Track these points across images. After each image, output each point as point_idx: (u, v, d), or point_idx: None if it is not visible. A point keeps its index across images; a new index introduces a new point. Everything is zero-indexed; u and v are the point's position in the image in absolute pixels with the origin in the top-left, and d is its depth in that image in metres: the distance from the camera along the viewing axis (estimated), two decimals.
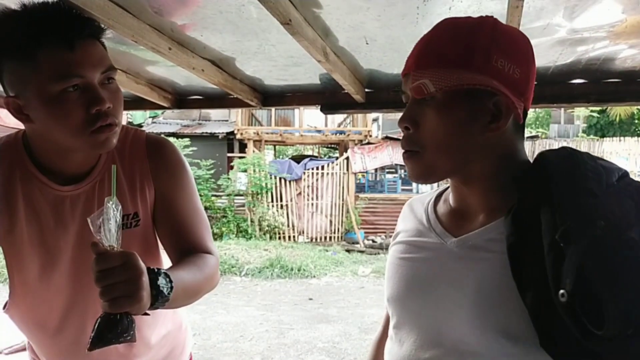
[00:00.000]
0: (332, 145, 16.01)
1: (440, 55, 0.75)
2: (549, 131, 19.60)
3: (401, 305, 0.86)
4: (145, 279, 0.79)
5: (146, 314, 0.82)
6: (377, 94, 1.91)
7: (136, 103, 2.10)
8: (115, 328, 0.77)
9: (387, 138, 13.14)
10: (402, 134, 0.82)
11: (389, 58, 1.58)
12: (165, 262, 1.17)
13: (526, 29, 1.22)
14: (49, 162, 1.02)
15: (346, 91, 1.80)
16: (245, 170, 12.12)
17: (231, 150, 14.49)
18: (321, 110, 2.00)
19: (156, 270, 0.83)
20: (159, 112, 14.01)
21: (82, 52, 0.90)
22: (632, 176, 0.74)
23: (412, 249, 0.88)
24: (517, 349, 0.69)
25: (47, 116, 0.91)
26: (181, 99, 2.10)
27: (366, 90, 1.89)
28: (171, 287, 0.84)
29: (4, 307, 1.12)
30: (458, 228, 0.83)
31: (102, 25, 1.00)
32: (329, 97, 1.95)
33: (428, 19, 1.24)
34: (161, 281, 0.82)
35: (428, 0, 1.14)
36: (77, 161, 1.03)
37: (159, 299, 0.82)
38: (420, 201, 0.97)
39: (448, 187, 0.92)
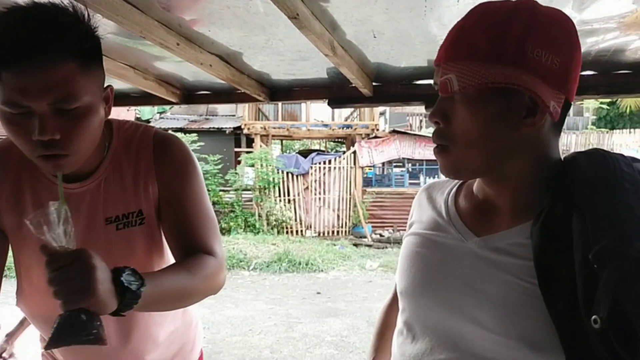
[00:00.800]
0: (339, 140, 15.98)
1: (470, 45, 0.69)
2: None
3: (415, 301, 0.83)
4: (102, 274, 0.75)
5: (121, 315, 0.79)
6: (385, 87, 1.90)
7: (144, 99, 2.11)
8: (73, 327, 0.74)
9: (394, 132, 13.09)
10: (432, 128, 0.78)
11: (397, 51, 1.57)
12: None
13: None
14: None
15: (354, 85, 1.80)
16: (252, 165, 12.14)
17: (238, 145, 14.51)
18: (329, 104, 2.00)
19: (121, 267, 0.80)
20: (167, 107, 14.05)
21: (17, 82, 0.79)
22: None
23: (430, 243, 0.84)
24: (540, 358, 0.67)
25: (4, 129, 0.88)
26: (189, 94, 2.11)
27: (374, 83, 1.89)
28: (141, 284, 0.80)
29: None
30: (480, 226, 0.79)
31: (81, 40, 0.85)
32: (336, 91, 1.95)
33: (436, 12, 1.24)
34: (126, 278, 0.78)
35: None
36: None
37: (127, 296, 0.78)
38: (439, 189, 0.92)
39: (459, 186, 0.89)
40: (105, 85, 0.95)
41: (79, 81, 0.84)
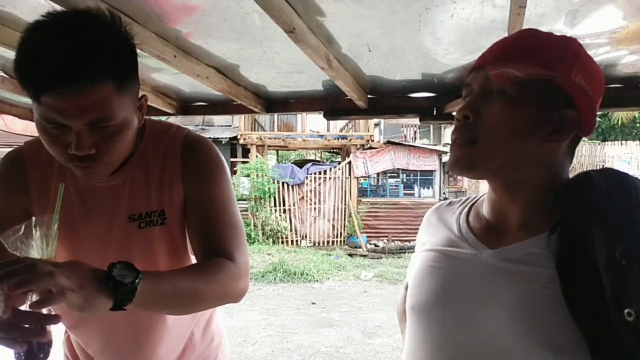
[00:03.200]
0: (335, 150, 16.01)
1: (525, 54, 0.75)
2: None
3: (427, 314, 0.83)
4: (72, 269, 0.72)
5: (123, 308, 0.77)
6: (380, 100, 1.92)
7: None
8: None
9: (389, 143, 13.14)
10: (455, 124, 0.81)
11: (391, 65, 1.59)
12: None
13: None
14: None
15: (349, 97, 1.81)
16: (248, 175, 12.14)
17: (234, 155, 14.51)
18: (324, 116, 2.01)
19: (114, 262, 0.77)
20: (163, 118, 14.02)
21: (55, 102, 0.80)
22: None
23: (443, 258, 0.85)
24: None
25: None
26: (186, 105, 2.12)
27: (369, 96, 1.91)
28: (136, 277, 0.77)
29: None
30: (493, 241, 0.81)
31: (118, 62, 0.84)
32: (332, 103, 1.96)
33: (430, 27, 1.26)
34: (119, 272, 0.76)
35: (430, 9, 1.15)
36: None
37: (120, 290, 0.75)
38: (449, 210, 0.95)
39: (479, 199, 0.91)
40: (140, 94, 0.97)
41: (115, 102, 0.85)
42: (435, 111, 1.90)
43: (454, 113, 1.88)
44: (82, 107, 0.81)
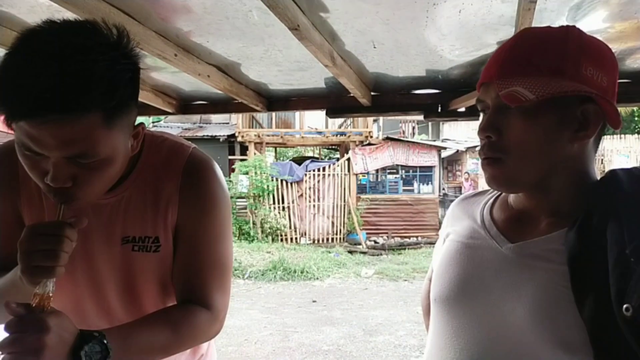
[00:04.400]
0: (333, 147, 15.99)
1: (528, 63, 0.74)
2: None
3: (448, 306, 0.84)
4: (50, 353, 0.70)
5: None
6: (384, 97, 1.90)
7: (140, 109, 2.08)
8: None
9: (387, 139, 13.11)
10: (481, 143, 0.80)
11: (395, 61, 1.56)
12: None
13: None
14: None
15: (352, 95, 1.79)
16: (246, 173, 12.11)
17: (232, 152, 14.47)
18: (327, 114, 1.99)
19: (87, 335, 0.75)
20: (162, 117, 13.98)
21: (39, 131, 0.70)
22: None
23: (465, 249, 0.86)
24: None
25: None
26: (185, 104, 2.09)
27: (372, 93, 1.88)
28: (105, 356, 0.75)
29: None
30: (515, 234, 0.81)
31: (113, 90, 0.73)
32: (334, 101, 1.94)
33: (437, 22, 1.23)
34: (88, 349, 0.74)
35: (437, 4, 1.13)
36: None
37: None
38: (473, 201, 0.95)
39: (497, 197, 0.91)
40: (137, 122, 0.88)
41: (100, 136, 0.75)
42: (440, 108, 1.87)
43: (460, 110, 1.86)
44: (60, 140, 0.71)
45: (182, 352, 1.05)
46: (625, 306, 0.61)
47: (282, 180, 12.11)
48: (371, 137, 12.87)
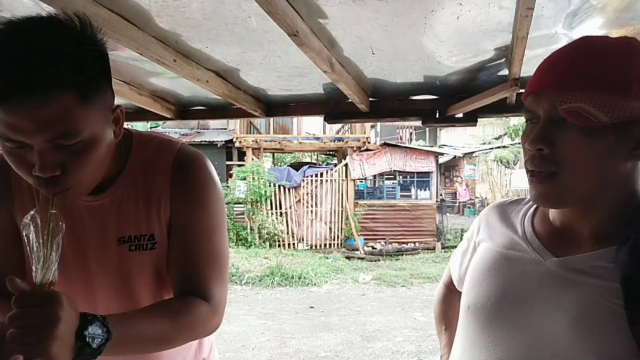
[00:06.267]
0: (331, 152, 16.00)
1: (589, 77, 0.70)
2: None
3: (484, 315, 0.82)
4: (64, 327, 0.69)
5: None
6: (382, 103, 1.91)
7: (139, 114, 2.09)
8: None
9: (385, 144, 13.13)
10: (529, 155, 0.77)
11: (394, 67, 1.57)
12: None
13: (530, 38, 1.21)
14: None
15: (350, 100, 1.79)
16: (244, 178, 12.09)
17: (230, 158, 14.46)
18: (325, 119, 1.99)
19: (90, 317, 0.74)
20: (160, 122, 13.97)
21: (12, 117, 0.71)
22: None
23: (504, 260, 0.84)
24: None
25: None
26: (184, 109, 2.09)
27: (370, 99, 1.89)
28: (106, 339, 0.74)
29: None
30: (559, 249, 0.79)
31: (82, 69, 0.75)
32: (332, 107, 1.94)
33: (435, 29, 1.24)
34: (92, 331, 0.73)
35: (435, 11, 1.13)
36: None
37: (85, 351, 0.72)
38: (512, 209, 0.92)
39: (535, 207, 0.89)
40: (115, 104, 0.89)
41: (78, 115, 0.76)
42: (437, 114, 1.88)
43: (458, 115, 1.87)
44: (38, 123, 0.72)
45: (183, 351, 1.05)
46: None
47: (279, 186, 12.10)
48: (369, 142, 12.89)
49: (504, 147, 16.46)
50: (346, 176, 12.38)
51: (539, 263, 0.79)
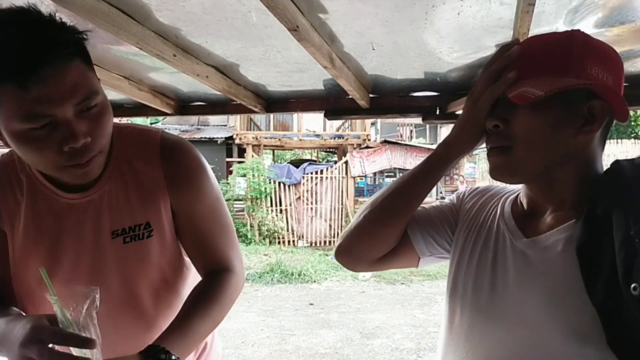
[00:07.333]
0: (331, 150, 15.99)
1: (535, 65, 0.78)
2: None
3: (462, 299, 0.88)
4: None
5: None
6: (382, 99, 1.90)
7: (139, 110, 2.09)
8: None
9: (385, 142, 13.13)
10: (489, 133, 0.84)
11: (394, 63, 1.56)
12: (193, 271, 1.14)
13: (531, 34, 1.21)
14: (49, 175, 0.97)
15: (350, 97, 1.79)
16: (244, 175, 12.09)
17: (230, 155, 14.47)
18: (325, 116, 1.98)
19: (151, 354, 0.82)
20: (160, 118, 14.01)
21: (43, 89, 0.76)
22: None
23: (483, 242, 0.90)
24: (587, 350, 0.71)
25: (17, 150, 0.85)
26: (184, 105, 2.09)
27: (371, 95, 1.88)
28: None
29: None
30: (529, 229, 0.85)
31: (81, 36, 0.84)
32: (333, 103, 1.94)
33: (436, 25, 1.23)
34: None
35: (436, 6, 1.13)
36: None
37: None
38: (497, 194, 0.98)
39: (519, 193, 0.95)
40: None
41: (91, 76, 0.85)
42: (438, 111, 1.87)
43: (458, 112, 1.87)
44: (66, 87, 0.79)
45: None
46: (633, 285, 0.62)
47: (279, 183, 12.10)
48: (369, 140, 12.89)
49: None
50: (346, 173, 12.38)
51: (510, 244, 0.85)
